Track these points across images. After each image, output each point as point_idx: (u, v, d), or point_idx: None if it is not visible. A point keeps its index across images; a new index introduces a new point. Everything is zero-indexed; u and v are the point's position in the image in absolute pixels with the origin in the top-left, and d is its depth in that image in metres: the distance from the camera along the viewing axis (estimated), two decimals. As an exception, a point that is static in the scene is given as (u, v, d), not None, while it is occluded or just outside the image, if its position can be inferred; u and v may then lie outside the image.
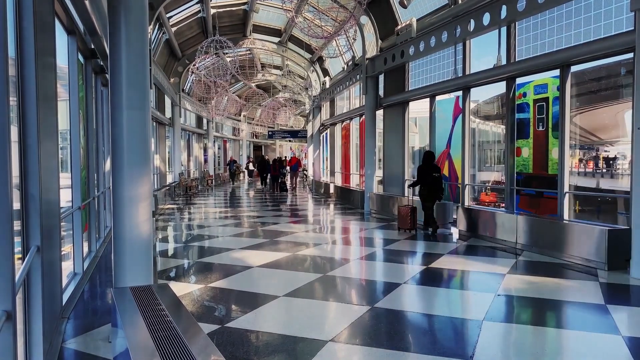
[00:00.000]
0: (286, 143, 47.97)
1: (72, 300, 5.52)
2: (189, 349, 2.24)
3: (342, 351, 4.19)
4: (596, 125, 10.45)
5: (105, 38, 6.69)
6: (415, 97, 13.28)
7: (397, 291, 6.05)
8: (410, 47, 12.45)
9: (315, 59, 22.82)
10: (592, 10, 8.02)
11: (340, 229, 12.09)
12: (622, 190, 7.98)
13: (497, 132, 14.05)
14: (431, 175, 10.00)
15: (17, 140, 3.44)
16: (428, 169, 10.03)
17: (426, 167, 10.05)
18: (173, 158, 22.36)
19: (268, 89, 33.94)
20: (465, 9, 10.12)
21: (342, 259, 8.19)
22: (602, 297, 5.68)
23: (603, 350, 4.31)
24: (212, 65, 21.56)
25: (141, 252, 4.42)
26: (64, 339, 4.44)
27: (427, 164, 10.08)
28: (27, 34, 3.55)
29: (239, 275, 6.84)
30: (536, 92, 9.44)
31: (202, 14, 18.00)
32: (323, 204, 17.38)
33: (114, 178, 4.39)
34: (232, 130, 40.17)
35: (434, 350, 4.15)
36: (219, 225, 12.24)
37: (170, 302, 3.03)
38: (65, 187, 5.90)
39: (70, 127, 6.70)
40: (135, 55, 4.34)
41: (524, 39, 9.40)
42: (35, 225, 3.56)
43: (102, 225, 9.42)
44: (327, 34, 14.06)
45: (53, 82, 4.46)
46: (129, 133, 4.31)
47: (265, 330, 4.67)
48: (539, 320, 5.13)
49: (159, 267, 7.40)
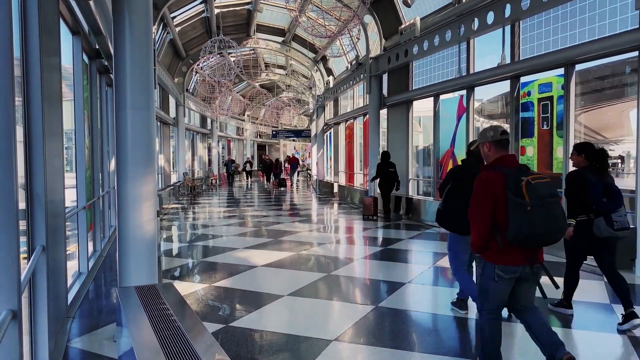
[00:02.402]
0: (290, 142, 47.98)
1: (77, 299, 5.54)
2: (194, 348, 2.25)
3: (346, 350, 4.19)
4: (601, 124, 10.40)
5: (110, 38, 6.72)
6: (419, 96, 13.25)
7: (402, 290, 6.05)
8: (414, 46, 12.43)
9: (319, 59, 22.81)
10: (596, 9, 7.99)
11: (343, 228, 12.09)
12: (627, 190, 7.94)
13: (502, 131, 13.98)
14: (387, 170, 12.38)
15: (23, 140, 3.45)
16: (385, 165, 12.40)
17: (384, 164, 12.41)
18: (177, 158, 22.40)
19: (272, 89, 33.96)
20: (469, 7, 10.09)
21: (346, 258, 8.19)
22: (607, 296, 5.66)
23: (608, 350, 4.30)
24: (216, 64, 21.60)
25: (146, 251, 4.43)
26: (69, 338, 4.46)
27: (384, 161, 12.43)
28: (32, 34, 3.57)
29: (243, 275, 6.85)
30: (540, 90, 9.40)
31: (206, 13, 18.02)
32: (327, 204, 17.37)
33: (118, 178, 4.40)
34: (236, 130, 40.22)
35: (440, 350, 4.14)
36: (223, 224, 12.26)
37: (174, 302, 3.04)
38: (70, 187, 5.93)
39: (75, 127, 6.72)
40: (140, 55, 4.35)
41: (528, 37, 9.37)
42: (40, 224, 3.58)
43: (106, 224, 9.46)
44: (331, 33, 14.06)
45: (58, 82, 4.47)
46: (133, 133, 4.32)
47: (269, 330, 4.68)
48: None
49: (163, 266, 7.41)
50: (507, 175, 3.31)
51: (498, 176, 3.35)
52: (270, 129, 39.33)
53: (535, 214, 3.17)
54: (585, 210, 4.76)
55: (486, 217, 3.35)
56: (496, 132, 3.55)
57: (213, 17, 18.24)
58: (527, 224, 3.19)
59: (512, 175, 3.29)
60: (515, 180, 3.25)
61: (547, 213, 3.20)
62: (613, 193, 4.70)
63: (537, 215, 3.17)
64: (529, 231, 3.20)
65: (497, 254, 3.39)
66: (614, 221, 4.64)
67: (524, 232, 3.20)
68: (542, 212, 3.18)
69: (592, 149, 4.91)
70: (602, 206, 4.66)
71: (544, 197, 3.20)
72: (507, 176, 3.30)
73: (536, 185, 3.20)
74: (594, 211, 4.71)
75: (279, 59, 26.69)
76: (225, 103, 28.49)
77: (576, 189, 4.84)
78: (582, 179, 4.78)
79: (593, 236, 4.76)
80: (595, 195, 4.66)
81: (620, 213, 4.69)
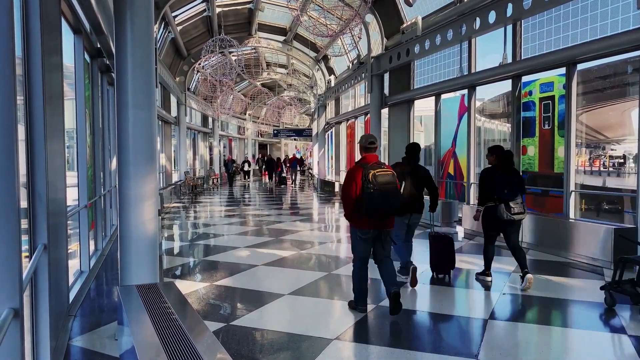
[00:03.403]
0: (291, 142, 47.98)
1: (78, 298, 5.56)
2: (195, 347, 2.25)
3: (347, 350, 4.20)
4: (602, 123, 10.38)
5: (111, 37, 6.73)
6: (421, 96, 13.25)
7: (402, 289, 6.04)
8: (416, 46, 12.42)
9: (321, 58, 22.81)
10: (598, 8, 7.98)
11: (344, 227, 12.09)
12: (629, 189, 7.93)
13: (503, 130, 14.00)
14: None
15: (24, 139, 3.46)
16: None
17: None
18: (179, 157, 22.41)
19: (273, 88, 33.96)
20: (471, 7, 10.08)
21: (346, 257, 8.19)
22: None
23: (609, 349, 4.30)
24: (217, 63, 21.60)
25: (147, 250, 4.44)
26: (70, 336, 4.47)
27: None
28: (33, 33, 3.57)
29: (244, 274, 6.86)
30: (542, 90, 9.39)
31: (208, 12, 18.04)
32: (328, 203, 17.37)
33: (120, 176, 4.41)
34: (238, 129, 40.23)
35: (440, 349, 4.15)
36: (224, 223, 12.27)
37: (176, 300, 3.04)
38: (71, 186, 5.94)
39: (76, 126, 6.73)
40: (141, 54, 4.36)
41: (529, 37, 9.36)
42: (42, 223, 3.58)
43: (108, 223, 9.47)
44: (332, 32, 14.06)
45: (59, 81, 4.48)
46: (134, 132, 4.32)
47: (270, 329, 4.69)
48: (544, 319, 5.12)
49: (164, 265, 7.43)
50: (363, 169, 4.84)
51: (358, 169, 4.91)
52: (271, 128, 39.34)
53: (375, 195, 4.73)
54: (493, 198, 6.04)
55: (350, 197, 4.89)
56: (366, 141, 5.11)
57: (214, 16, 18.24)
58: (371, 201, 4.74)
59: (366, 169, 4.82)
60: (366, 173, 4.79)
61: (382, 194, 4.74)
62: (512, 186, 5.94)
63: (377, 195, 4.73)
64: (372, 206, 4.74)
65: (357, 222, 4.95)
66: (511, 207, 5.89)
67: (369, 206, 4.75)
68: (379, 194, 4.73)
69: (501, 151, 6.19)
70: (502, 196, 5.94)
71: (381, 184, 4.75)
72: (363, 170, 4.83)
73: (377, 176, 4.76)
74: (497, 199, 5.97)
75: (281, 58, 26.69)
76: (226, 102, 28.49)
77: (485, 182, 6.18)
78: (491, 174, 6.11)
79: (498, 218, 5.98)
80: (498, 187, 5.95)
81: (517, 201, 5.96)
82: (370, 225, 4.89)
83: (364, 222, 4.89)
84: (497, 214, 5.94)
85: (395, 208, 4.86)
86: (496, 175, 6.01)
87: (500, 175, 5.97)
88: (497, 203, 5.96)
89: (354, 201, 4.84)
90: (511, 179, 5.96)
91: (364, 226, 4.91)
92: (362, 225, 4.92)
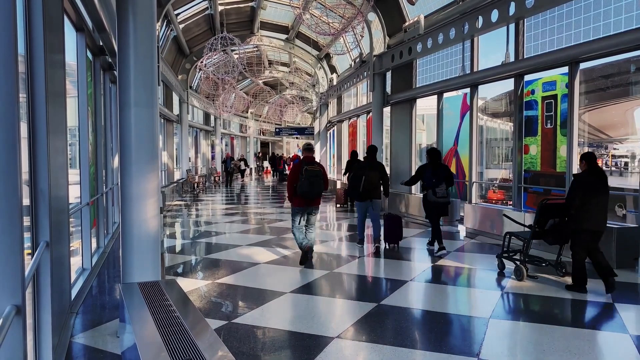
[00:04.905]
0: (293, 140, 47.97)
1: (80, 295, 5.57)
2: (196, 345, 2.26)
3: (349, 348, 4.20)
4: (605, 122, 10.36)
5: (114, 35, 6.73)
6: (423, 94, 13.23)
7: (404, 289, 6.06)
8: (418, 44, 12.40)
9: (323, 56, 22.79)
10: (601, 7, 7.95)
11: (346, 225, 12.08)
12: (631, 188, 7.91)
13: (505, 129, 13.98)
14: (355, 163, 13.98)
15: (27, 136, 3.47)
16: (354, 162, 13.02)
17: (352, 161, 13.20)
18: (181, 155, 22.43)
19: (275, 86, 33.94)
20: (474, 5, 10.06)
21: (348, 255, 8.19)
22: (610, 295, 5.65)
23: (611, 348, 4.30)
24: (219, 62, 21.60)
25: (149, 248, 4.45)
26: (72, 333, 4.48)
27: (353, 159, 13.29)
28: (36, 31, 3.58)
29: (245, 272, 6.87)
30: (544, 89, 9.37)
31: (210, 10, 18.03)
32: (329, 202, 17.36)
33: (122, 174, 4.42)
34: (240, 127, 40.25)
35: (441, 348, 4.15)
36: (226, 221, 12.28)
37: (177, 298, 3.05)
38: (74, 184, 5.95)
39: (79, 123, 6.75)
40: (143, 52, 4.36)
41: (532, 35, 9.34)
42: (44, 221, 3.59)
43: (110, 221, 9.49)
44: (335, 30, 14.03)
45: (62, 79, 4.49)
46: (137, 130, 4.33)
47: (271, 327, 4.69)
48: (546, 318, 5.11)
49: (166, 263, 7.44)
50: (301, 164, 7.12)
51: (299, 164, 7.18)
52: (273, 127, 39.34)
53: (305, 183, 7.00)
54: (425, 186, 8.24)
55: (292, 184, 7.22)
56: (306, 145, 7.61)
57: (217, 14, 18.23)
58: (302, 187, 7.03)
59: (303, 164, 7.12)
60: (302, 167, 7.07)
61: (309, 182, 7.00)
62: (438, 177, 7.99)
63: (306, 183, 7.00)
64: (302, 190, 7.04)
65: (295, 201, 7.27)
66: (436, 192, 7.96)
67: (300, 190, 7.05)
68: (307, 182, 7.00)
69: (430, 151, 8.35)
70: (429, 184, 8.05)
71: (310, 175, 7.01)
72: (301, 165, 7.12)
73: (308, 169, 7.03)
74: (427, 187, 8.10)
75: (283, 56, 26.68)
76: (228, 100, 28.49)
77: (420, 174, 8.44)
78: (424, 169, 8.34)
79: (430, 202, 8.06)
80: (427, 178, 8.12)
81: (441, 188, 7.98)
82: (303, 204, 7.25)
83: (299, 201, 7.22)
84: (428, 198, 8.10)
85: (318, 193, 7.16)
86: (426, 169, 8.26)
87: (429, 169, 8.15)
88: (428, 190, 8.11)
89: (293, 187, 7.17)
90: (437, 171, 8.01)
91: (299, 205, 7.26)
92: (298, 204, 7.26)
